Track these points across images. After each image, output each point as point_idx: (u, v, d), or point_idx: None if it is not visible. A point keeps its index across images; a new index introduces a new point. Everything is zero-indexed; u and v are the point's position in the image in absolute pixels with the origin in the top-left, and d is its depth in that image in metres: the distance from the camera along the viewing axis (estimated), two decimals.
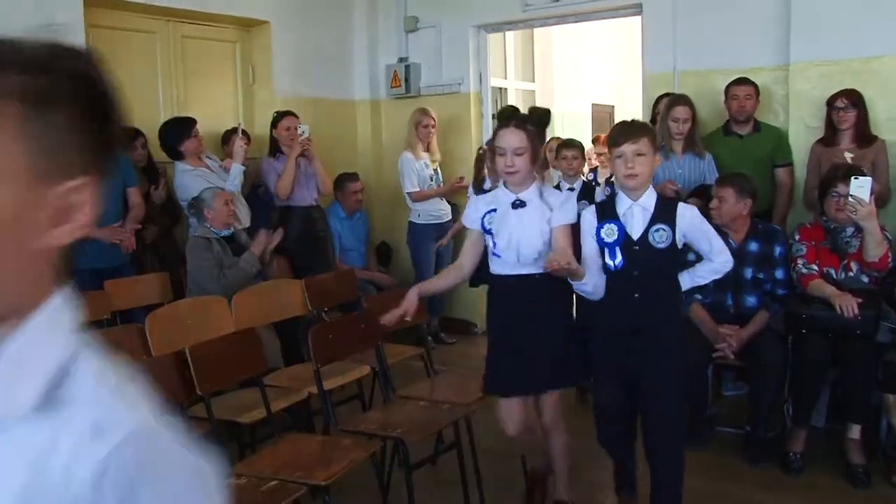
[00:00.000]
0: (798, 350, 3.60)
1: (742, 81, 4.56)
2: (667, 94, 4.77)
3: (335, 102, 6.26)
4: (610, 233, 2.75)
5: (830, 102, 4.31)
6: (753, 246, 3.81)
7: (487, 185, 4.40)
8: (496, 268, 2.94)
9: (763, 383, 3.63)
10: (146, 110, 5.04)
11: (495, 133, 2.89)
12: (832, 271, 3.68)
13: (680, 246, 2.76)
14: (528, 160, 2.79)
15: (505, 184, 2.92)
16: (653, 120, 4.85)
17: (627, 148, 2.67)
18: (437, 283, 3.33)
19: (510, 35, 8.03)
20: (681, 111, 4.38)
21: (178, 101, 5.27)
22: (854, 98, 4.24)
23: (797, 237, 3.78)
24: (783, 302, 3.74)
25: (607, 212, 2.81)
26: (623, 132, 2.75)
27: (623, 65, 9.35)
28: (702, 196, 4.19)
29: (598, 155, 6.45)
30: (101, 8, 4.72)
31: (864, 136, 4.26)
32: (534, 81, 9.09)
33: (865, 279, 3.64)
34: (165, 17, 5.19)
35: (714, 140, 4.61)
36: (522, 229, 2.83)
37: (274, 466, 2.76)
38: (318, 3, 6.11)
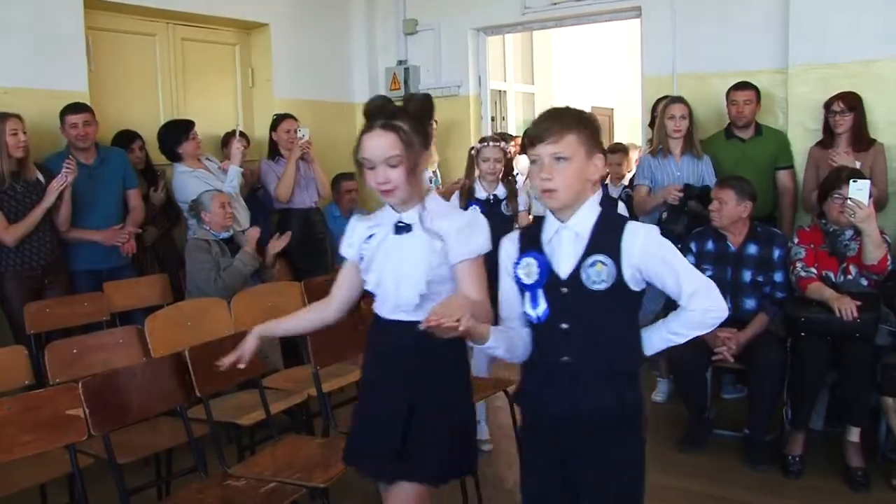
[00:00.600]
0: (797, 353, 3.60)
1: (742, 86, 4.57)
2: (664, 98, 4.78)
3: (334, 105, 6.26)
4: (528, 270, 1.95)
5: (827, 106, 4.32)
6: (752, 249, 3.81)
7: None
8: (376, 305, 2.20)
9: (762, 386, 3.63)
10: (146, 113, 5.05)
11: (359, 139, 2.14)
12: (831, 274, 3.68)
13: (635, 286, 1.92)
14: (406, 170, 2.04)
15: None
16: (651, 124, 4.86)
17: (544, 150, 1.89)
18: (284, 324, 2.38)
19: (509, 38, 8.04)
20: (676, 108, 4.38)
21: (177, 103, 5.27)
22: (851, 102, 4.24)
23: (796, 240, 3.78)
24: (782, 305, 3.74)
25: (530, 240, 2.00)
26: (538, 128, 1.91)
27: (622, 68, 9.35)
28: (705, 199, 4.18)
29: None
30: (100, 11, 4.72)
31: (862, 140, 4.27)
32: (533, 84, 9.10)
33: (864, 282, 3.64)
34: (165, 19, 5.20)
35: (716, 143, 4.61)
36: (401, 263, 2.08)
37: (273, 468, 2.76)
38: (318, 5, 6.12)
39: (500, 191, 4.00)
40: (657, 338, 2.03)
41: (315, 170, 5.06)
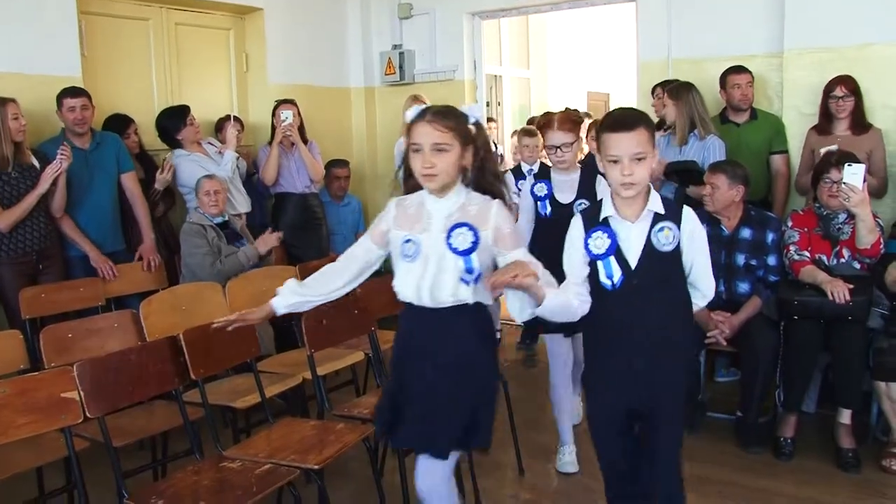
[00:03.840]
0: (790, 336, 3.62)
1: (740, 70, 4.56)
2: (665, 83, 4.77)
3: (329, 90, 6.25)
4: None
5: (828, 91, 4.30)
6: (746, 232, 3.82)
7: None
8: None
9: (755, 369, 3.64)
10: (140, 98, 5.03)
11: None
12: (824, 258, 3.70)
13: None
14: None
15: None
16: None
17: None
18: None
19: (505, 22, 8.03)
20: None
21: (171, 88, 5.25)
22: (852, 86, 4.24)
23: (790, 224, 3.79)
24: (775, 288, 3.75)
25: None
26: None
27: (618, 53, 9.34)
28: (688, 179, 4.19)
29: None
30: None
31: (861, 124, 4.27)
32: (528, 69, 9.08)
33: (857, 265, 3.66)
34: (158, 4, 5.18)
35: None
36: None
37: (268, 450, 2.78)
38: None
39: None
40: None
41: (302, 153, 5.04)
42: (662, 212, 2.23)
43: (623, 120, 2.20)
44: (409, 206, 2.31)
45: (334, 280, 2.40)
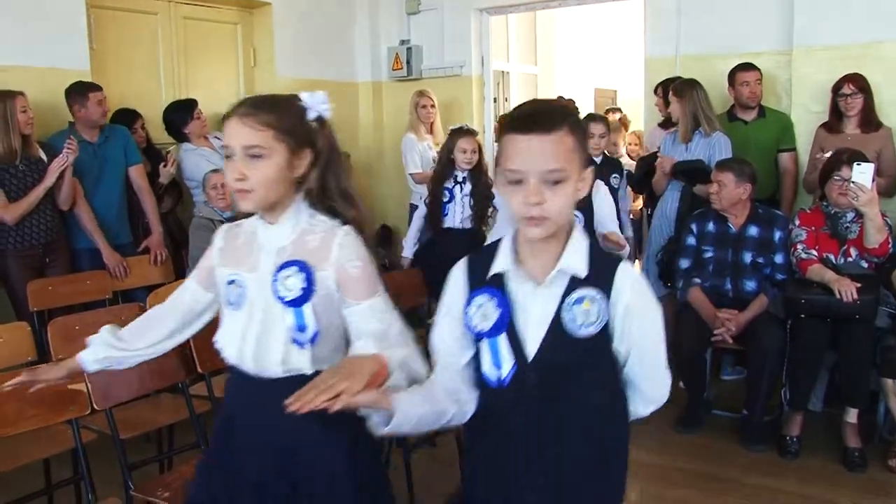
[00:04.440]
0: (796, 334, 3.60)
1: (748, 67, 4.54)
2: (670, 80, 4.75)
3: (337, 84, 6.24)
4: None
5: (836, 89, 4.28)
6: (753, 230, 3.81)
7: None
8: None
9: (761, 367, 3.64)
10: (148, 92, 5.04)
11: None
12: (831, 256, 3.69)
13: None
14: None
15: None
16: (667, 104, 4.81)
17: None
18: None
19: (512, 18, 8.00)
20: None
21: (179, 82, 5.26)
22: (861, 83, 4.21)
23: (797, 222, 3.78)
24: (782, 286, 3.74)
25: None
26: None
27: (626, 49, 9.31)
28: (695, 178, 4.18)
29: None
30: None
31: (871, 122, 4.25)
32: (536, 65, 9.05)
33: (864, 265, 3.64)
34: None
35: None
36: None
37: None
38: None
39: None
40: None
41: None
42: (583, 273, 1.44)
43: (536, 117, 1.39)
44: (238, 234, 1.76)
45: (156, 329, 1.86)
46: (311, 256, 1.62)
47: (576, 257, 1.44)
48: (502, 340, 1.45)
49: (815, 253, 3.69)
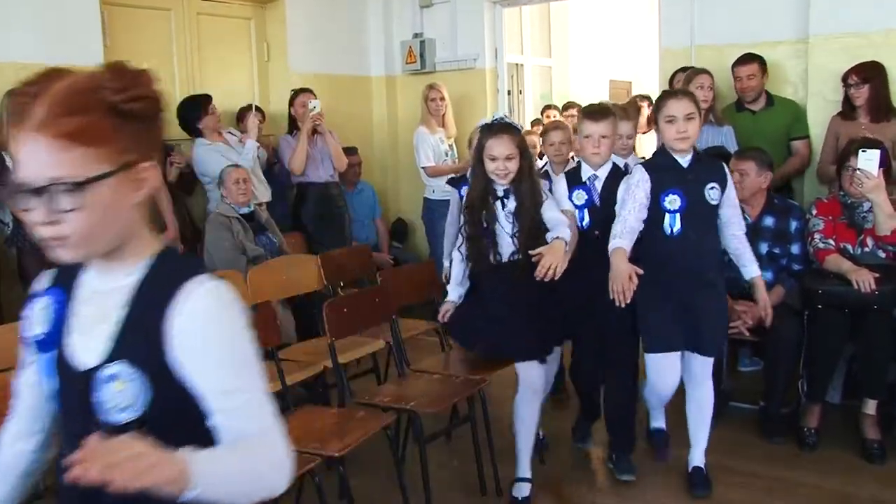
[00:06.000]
0: (814, 325, 3.58)
1: (743, 61, 4.53)
2: (682, 69, 4.72)
3: (350, 78, 6.25)
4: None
5: (844, 79, 4.26)
6: (769, 221, 3.78)
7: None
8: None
9: (778, 359, 3.61)
10: (161, 87, 5.04)
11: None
12: (849, 246, 3.65)
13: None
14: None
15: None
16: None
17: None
18: None
19: (526, 10, 7.98)
20: (704, 79, 4.34)
21: (193, 77, 5.28)
22: (866, 73, 4.18)
23: (814, 211, 3.75)
24: (799, 277, 3.71)
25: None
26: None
27: (640, 40, 9.26)
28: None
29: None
30: None
31: (881, 111, 4.21)
32: (550, 57, 9.02)
33: (882, 254, 3.61)
34: None
35: (727, 116, 4.56)
36: None
37: (289, 438, 2.78)
38: None
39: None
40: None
41: (328, 142, 5.04)
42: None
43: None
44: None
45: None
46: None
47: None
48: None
49: (832, 242, 3.65)
